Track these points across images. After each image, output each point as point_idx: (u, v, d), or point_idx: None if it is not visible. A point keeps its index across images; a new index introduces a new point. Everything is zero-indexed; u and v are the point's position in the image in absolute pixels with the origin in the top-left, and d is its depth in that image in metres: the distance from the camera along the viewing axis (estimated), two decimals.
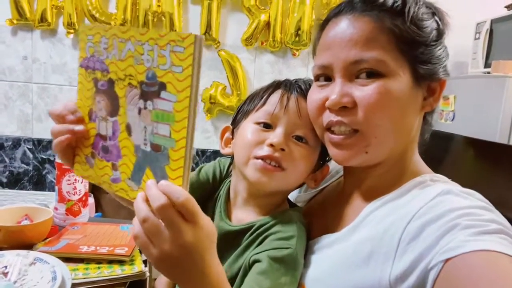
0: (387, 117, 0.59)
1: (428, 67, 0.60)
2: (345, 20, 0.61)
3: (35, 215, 0.99)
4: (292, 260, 0.61)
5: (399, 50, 0.59)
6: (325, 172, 0.75)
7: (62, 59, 2.22)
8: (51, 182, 2.29)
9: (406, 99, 0.60)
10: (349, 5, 0.62)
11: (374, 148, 0.61)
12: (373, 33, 0.59)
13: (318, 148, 0.70)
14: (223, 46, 2.22)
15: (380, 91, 0.58)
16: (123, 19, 2.12)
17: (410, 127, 0.63)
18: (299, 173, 0.69)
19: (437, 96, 0.63)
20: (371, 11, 0.60)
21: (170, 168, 0.41)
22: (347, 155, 0.62)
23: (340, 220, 0.69)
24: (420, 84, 0.61)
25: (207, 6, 2.13)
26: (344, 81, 0.61)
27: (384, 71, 0.58)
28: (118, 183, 0.45)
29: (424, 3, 0.62)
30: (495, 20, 1.85)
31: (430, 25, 0.60)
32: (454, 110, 1.86)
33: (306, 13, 2.11)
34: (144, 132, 0.41)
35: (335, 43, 0.61)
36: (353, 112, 0.60)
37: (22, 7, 2.10)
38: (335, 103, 0.60)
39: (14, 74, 2.21)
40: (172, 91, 0.40)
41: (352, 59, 0.59)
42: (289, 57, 2.24)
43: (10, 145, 2.26)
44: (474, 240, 0.48)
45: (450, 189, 0.57)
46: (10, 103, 2.24)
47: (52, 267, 0.75)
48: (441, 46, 0.62)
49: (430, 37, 0.60)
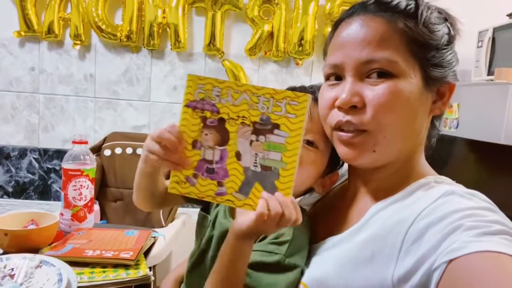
0: (396, 117, 0.59)
1: (438, 71, 0.61)
2: (358, 20, 0.62)
3: (41, 220, 1.00)
4: (277, 265, 0.64)
5: (411, 52, 0.59)
6: (335, 179, 0.76)
7: (69, 70, 2.25)
8: (57, 192, 2.30)
9: (416, 100, 0.60)
10: (362, 7, 0.63)
11: (383, 147, 0.61)
12: (386, 34, 0.59)
13: (328, 153, 0.71)
14: (227, 56, 2.24)
15: (391, 91, 0.58)
16: (128, 31, 2.16)
17: (418, 129, 0.63)
18: (306, 176, 0.70)
19: (446, 99, 0.64)
20: (385, 13, 0.60)
21: (280, 182, 0.58)
22: (356, 153, 0.63)
23: (345, 221, 0.69)
24: (430, 87, 0.61)
25: (211, 17, 2.16)
26: (355, 80, 0.61)
27: (395, 71, 0.59)
28: (224, 195, 0.60)
29: (436, 9, 0.63)
30: (497, 28, 1.86)
31: (441, 30, 0.61)
32: (458, 117, 1.86)
33: (309, 23, 2.14)
34: (255, 157, 0.58)
35: (348, 42, 0.62)
36: (362, 112, 0.60)
37: (30, 19, 2.14)
38: (345, 102, 0.61)
39: (21, 85, 2.25)
40: (285, 130, 0.57)
41: (364, 58, 0.60)
42: (293, 66, 2.26)
43: (16, 155, 2.28)
44: (478, 241, 0.48)
45: (453, 190, 0.57)
46: (17, 114, 2.27)
47: (58, 270, 0.76)
48: (452, 51, 0.63)
49: (442, 41, 0.61)
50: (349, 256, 0.61)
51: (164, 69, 2.27)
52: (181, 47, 2.19)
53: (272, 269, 0.64)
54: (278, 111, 0.57)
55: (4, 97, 2.25)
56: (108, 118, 2.29)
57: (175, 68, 2.27)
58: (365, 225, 0.62)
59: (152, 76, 2.28)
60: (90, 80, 2.26)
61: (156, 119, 2.30)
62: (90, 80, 2.26)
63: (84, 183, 1.09)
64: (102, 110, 2.29)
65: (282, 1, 2.13)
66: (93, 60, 2.26)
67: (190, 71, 2.26)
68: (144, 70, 2.27)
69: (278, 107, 0.57)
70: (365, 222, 0.63)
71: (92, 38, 2.24)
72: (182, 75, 2.28)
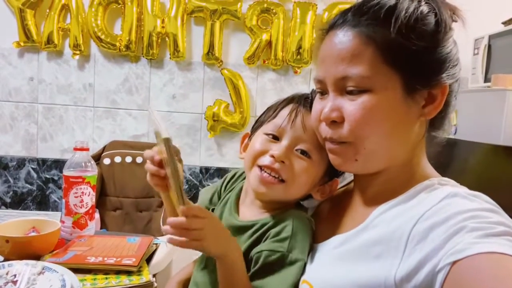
0: (374, 130, 0.60)
1: (423, 75, 0.59)
2: (336, 34, 0.62)
3: (42, 228, 0.99)
4: (281, 262, 0.66)
5: (386, 63, 0.58)
6: (334, 187, 0.76)
7: (68, 80, 2.26)
8: (55, 202, 2.29)
9: (395, 111, 0.60)
10: (341, 18, 0.63)
11: (364, 158, 0.63)
12: (359, 49, 0.59)
13: (323, 162, 0.71)
14: (225, 65, 2.26)
15: (365, 106, 0.59)
16: (128, 40, 2.17)
17: (406, 135, 0.63)
18: (299, 186, 0.71)
19: (438, 103, 0.61)
20: (359, 25, 0.60)
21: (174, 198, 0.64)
22: (341, 161, 0.65)
23: (349, 222, 0.69)
24: (415, 92, 0.60)
25: (210, 27, 2.18)
26: (335, 95, 0.63)
27: (370, 86, 0.59)
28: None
29: (426, 2, 0.59)
30: (493, 35, 1.88)
31: (425, 30, 0.58)
32: (456, 124, 1.87)
33: (307, 32, 2.16)
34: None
35: (326, 58, 0.63)
36: (341, 127, 0.62)
37: (30, 30, 2.16)
38: (325, 118, 0.63)
39: (20, 95, 2.25)
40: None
41: (340, 75, 0.61)
42: (291, 74, 2.27)
43: (14, 165, 2.27)
44: (481, 242, 0.48)
45: (457, 191, 0.57)
46: (15, 124, 2.26)
47: (61, 276, 0.75)
48: (443, 50, 0.60)
49: (425, 44, 0.58)
50: (354, 254, 0.61)
51: (163, 78, 2.28)
52: (180, 56, 2.21)
53: (278, 267, 0.65)
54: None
55: (3, 107, 2.25)
56: (107, 128, 2.29)
57: (174, 77, 2.28)
58: (369, 226, 0.63)
59: (151, 85, 2.28)
60: (89, 90, 2.27)
61: None
62: (89, 90, 2.27)
63: (86, 190, 1.09)
64: (101, 119, 2.29)
65: (280, 11, 2.16)
66: (92, 69, 2.26)
67: (189, 80, 2.28)
68: (143, 79, 2.28)
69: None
70: (369, 223, 0.63)
71: (92, 48, 2.25)
72: (181, 84, 2.29)
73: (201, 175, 2.32)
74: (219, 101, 2.27)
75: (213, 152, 2.34)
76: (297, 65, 2.22)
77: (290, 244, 0.67)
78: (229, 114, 2.26)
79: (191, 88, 2.29)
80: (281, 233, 0.68)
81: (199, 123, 2.31)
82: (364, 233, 0.62)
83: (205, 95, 2.29)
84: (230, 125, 2.25)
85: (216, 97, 2.28)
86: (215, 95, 2.29)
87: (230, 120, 2.24)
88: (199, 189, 2.32)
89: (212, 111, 2.25)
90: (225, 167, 2.33)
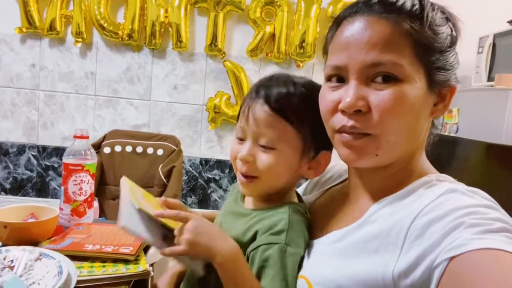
0: (402, 122, 0.59)
1: (442, 74, 0.60)
2: (362, 20, 0.60)
3: (40, 214, 0.99)
4: (279, 254, 0.65)
5: (416, 55, 0.58)
6: (326, 159, 0.74)
7: (70, 67, 2.25)
8: (54, 189, 2.30)
9: (420, 104, 0.60)
10: (366, 6, 0.61)
11: (385, 151, 0.61)
12: (392, 37, 0.58)
13: (291, 146, 0.70)
14: (228, 57, 2.25)
15: (397, 96, 0.58)
16: (130, 29, 2.16)
17: (420, 131, 0.63)
18: (273, 177, 0.71)
19: (447, 102, 0.63)
20: (389, 14, 0.59)
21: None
22: (358, 156, 0.62)
23: (346, 218, 0.69)
24: (433, 90, 0.61)
25: (213, 17, 2.17)
26: (359, 83, 0.60)
27: (400, 75, 0.58)
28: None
29: (439, 8, 0.61)
30: (498, 34, 1.87)
31: (445, 31, 0.60)
32: (458, 122, 1.87)
33: (311, 25, 2.15)
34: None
35: (352, 44, 0.60)
36: (367, 117, 0.59)
37: (32, 16, 2.15)
38: (349, 106, 0.59)
39: (21, 81, 2.24)
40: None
41: (370, 61, 0.58)
42: (294, 68, 2.26)
43: (15, 151, 2.27)
44: (479, 238, 0.48)
45: (455, 187, 0.57)
46: (16, 110, 2.26)
47: (58, 262, 0.75)
48: (454, 53, 0.62)
49: (445, 43, 0.60)
50: (352, 249, 0.61)
51: (165, 68, 2.27)
52: (182, 47, 2.20)
53: (275, 260, 0.65)
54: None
55: (4, 93, 2.25)
56: (108, 117, 2.29)
57: (176, 67, 2.28)
58: (367, 221, 0.62)
59: (153, 75, 2.28)
60: (90, 78, 2.26)
61: (156, 118, 2.30)
62: (91, 78, 2.26)
63: (85, 178, 1.08)
64: (102, 108, 2.28)
65: (284, 3, 2.14)
66: (94, 58, 2.26)
67: (191, 71, 2.27)
68: (145, 69, 2.27)
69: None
70: (367, 218, 0.63)
71: (94, 36, 2.24)
72: (183, 75, 2.28)
73: (201, 166, 2.32)
74: (220, 93, 2.26)
75: (214, 144, 2.34)
76: (300, 59, 2.21)
77: (288, 236, 0.67)
78: (231, 107, 2.25)
79: (193, 79, 2.29)
80: (277, 226, 0.67)
81: (200, 115, 2.31)
82: (362, 228, 0.62)
83: (207, 86, 2.29)
84: (231, 117, 2.25)
85: (217, 89, 2.28)
86: (216, 87, 2.28)
87: (231, 112, 2.23)
88: (198, 181, 2.33)
89: (214, 103, 2.24)
90: (225, 159, 2.33)
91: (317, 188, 0.87)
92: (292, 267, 0.65)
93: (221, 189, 2.35)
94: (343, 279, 0.59)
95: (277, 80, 0.72)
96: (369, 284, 0.55)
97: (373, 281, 0.55)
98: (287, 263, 0.65)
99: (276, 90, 0.70)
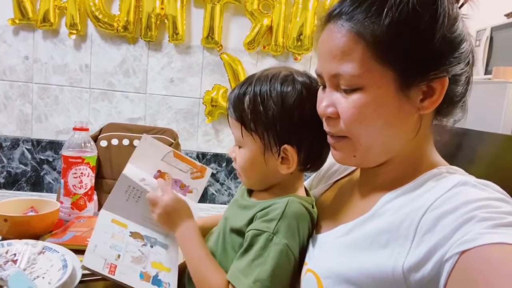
0: (367, 127, 0.60)
1: (419, 70, 0.57)
2: (328, 30, 0.62)
3: (41, 208, 0.97)
4: (264, 242, 0.67)
5: (377, 60, 0.57)
6: (291, 156, 0.72)
7: (64, 59, 2.21)
8: (49, 184, 2.27)
9: (388, 108, 0.59)
10: (338, 8, 0.61)
11: (362, 154, 0.63)
12: (348, 46, 0.58)
13: (252, 145, 0.73)
14: (225, 50, 2.23)
15: (356, 105, 0.59)
16: (126, 21, 2.13)
17: (401, 130, 0.61)
18: (247, 171, 0.76)
19: (437, 97, 0.59)
20: (350, 20, 0.58)
21: None
22: (340, 156, 0.67)
23: (354, 211, 0.69)
24: (411, 88, 0.58)
25: (210, 9, 2.14)
26: (332, 90, 0.63)
27: (359, 84, 0.58)
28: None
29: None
30: (495, 27, 1.88)
31: (419, 24, 0.55)
32: None
33: (309, 18, 2.14)
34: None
35: (321, 53, 0.63)
36: (337, 122, 0.62)
37: (25, 7, 2.10)
38: (320, 114, 0.65)
39: (14, 74, 2.20)
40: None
41: (332, 72, 0.60)
42: (291, 61, 2.25)
43: (8, 145, 2.24)
44: (491, 232, 0.47)
45: (466, 180, 0.56)
46: (9, 103, 2.22)
47: (62, 256, 0.74)
48: (441, 41, 0.56)
49: (418, 38, 0.56)
50: (361, 242, 0.60)
51: (161, 61, 2.25)
52: (179, 39, 2.17)
53: (260, 247, 0.67)
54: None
55: None
56: (103, 110, 2.26)
57: (172, 60, 2.25)
58: (376, 214, 0.62)
59: (149, 68, 2.25)
60: (85, 71, 2.23)
61: (152, 111, 2.28)
62: (86, 71, 2.23)
63: (85, 171, 1.07)
64: (97, 101, 2.25)
65: None
66: (89, 50, 2.22)
67: (187, 64, 2.25)
68: (140, 61, 2.24)
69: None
70: (375, 211, 0.62)
71: (88, 27, 2.21)
72: (179, 67, 2.26)
73: (198, 160, 2.31)
74: (217, 86, 2.24)
75: (211, 137, 2.32)
76: (297, 52, 2.20)
77: (277, 226, 0.67)
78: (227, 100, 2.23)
79: (189, 72, 2.26)
80: (269, 214, 0.69)
81: (197, 108, 2.29)
82: (371, 222, 0.61)
83: (204, 79, 2.27)
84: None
85: (214, 82, 2.26)
86: (213, 80, 2.26)
87: None
88: None
89: (210, 96, 2.22)
90: (222, 153, 2.32)
91: (323, 181, 0.86)
92: (275, 256, 0.65)
93: (218, 182, 2.34)
94: (352, 273, 0.58)
95: (249, 79, 0.75)
96: (378, 278, 0.55)
97: (383, 275, 0.55)
98: (269, 252, 0.66)
99: (235, 92, 0.75)
